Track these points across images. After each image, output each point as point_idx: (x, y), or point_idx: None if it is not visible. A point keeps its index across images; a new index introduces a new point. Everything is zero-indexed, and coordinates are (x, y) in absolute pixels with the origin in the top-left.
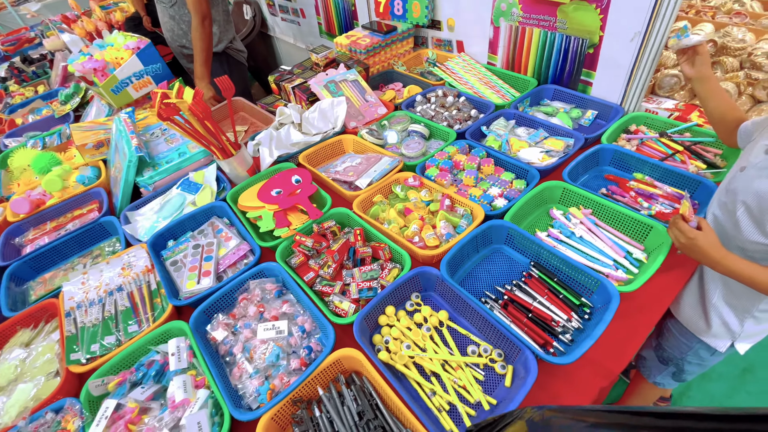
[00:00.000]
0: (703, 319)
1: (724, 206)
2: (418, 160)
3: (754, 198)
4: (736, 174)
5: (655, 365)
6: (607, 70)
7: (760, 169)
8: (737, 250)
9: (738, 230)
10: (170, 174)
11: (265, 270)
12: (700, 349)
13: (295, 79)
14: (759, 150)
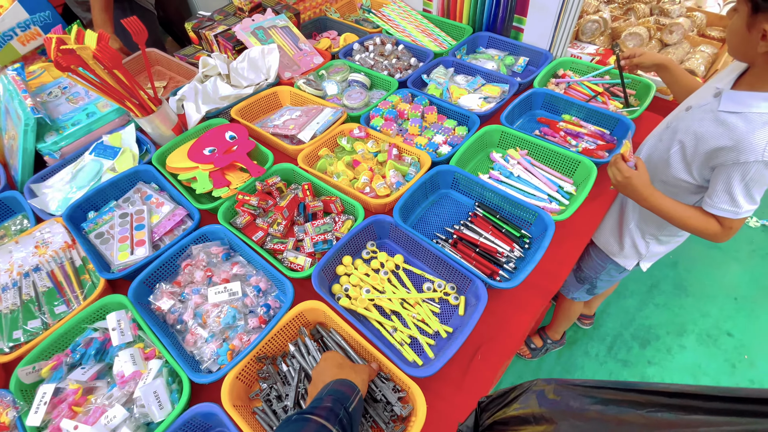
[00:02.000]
0: (618, 243)
1: (661, 141)
2: (361, 110)
3: (692, 138)
4: (681, 113)
5: (573, 284)
6: (536, 16)
7: (705, 111)
8: (660, 183)
9: (667, 166)
10: (79, 138)
11: (208, 233)
12: (612, 268)
13: (216, 26)
14: (707, 92)
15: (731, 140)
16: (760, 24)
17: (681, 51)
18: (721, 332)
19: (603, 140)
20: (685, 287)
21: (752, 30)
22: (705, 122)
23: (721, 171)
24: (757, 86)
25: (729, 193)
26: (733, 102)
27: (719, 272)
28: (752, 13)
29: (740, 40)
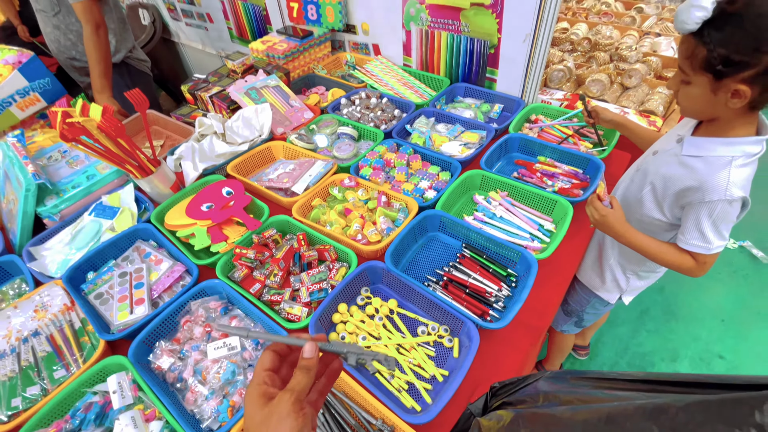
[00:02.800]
0: (599, 278)
1: (633, 182)
2: (350, 161)
3: (661, 180)
4: (649, 157)
5: (561, 317)
6: (507, 67)
7: (670, 155)
8: (635, 222)
9: (640, 205)
10: (79, 200)
11: (207, 288)
12: (596, 302)
13: (211, 87)
14: (672, 138)
15: (696, 181)
16: (728, 86)
17: (641, 93)
18: (713, 355)
19: (577, 179)
20: (673, 312)
21: (719, 93)
22: (671, 165)
23: (690, 210)
24: (715, 133)
25: (699, 230)
26: (694, 147)
27: (705, 295)
28: (715, 80)
29: (704, 104)
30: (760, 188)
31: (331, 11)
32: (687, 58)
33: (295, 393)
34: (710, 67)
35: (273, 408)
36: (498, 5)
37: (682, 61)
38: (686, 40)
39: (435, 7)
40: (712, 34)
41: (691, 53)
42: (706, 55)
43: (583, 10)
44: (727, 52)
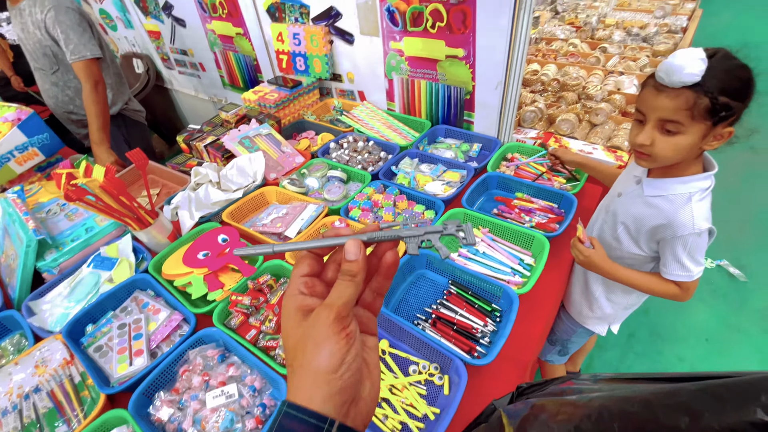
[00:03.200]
0: (588, 309)
1: (606, 224)
2: (340, 203)
3: (632, 220)
4: (615, 198)
5: (546, 347)
6: (482, 111)
7: (633, 196)
8: (617, 259)
9: (619, 243)
10: (78, 252)
11: (204, 337)
12: (582, 331)
13: (206, 137)
14: (630, 179)
15: (664, 219)
16: (717, 131)
17: (607, 130)
18: None
19: (553, 213)
20: (659, 333)
21: (707, 138)
22: (637, 206)
23: (665, 245)
24: (670, 174)
25: (678, 261)
26: (654, 188)
27: (688, 315)
28: (712, 127)
29: (688, 151)
30: (733, 209)
31: (318, 62)
32: (687, 109)
33: (335, 309)
34: (713, 114)
35: (308, 329)
36: (471, 57)
37: (674, 113)
38: (682, 93)
39: (413, 58)
40: (712, 84)
41: (693, 104)
42: (709, 104)
43: (552, 52)
44: (729, 99)
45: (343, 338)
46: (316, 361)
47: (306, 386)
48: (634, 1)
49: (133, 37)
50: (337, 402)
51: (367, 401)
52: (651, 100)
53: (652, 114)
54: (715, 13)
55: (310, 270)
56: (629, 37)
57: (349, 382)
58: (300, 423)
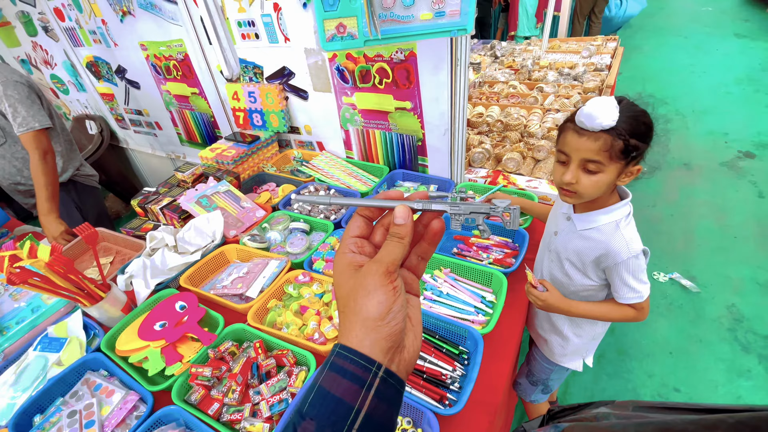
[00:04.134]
0: (560, 347)
1: (553, 263)
2: (303, 256)
3: (574, 255)
4: (552, 237)
5: (528, 387)
6: (434, 155)
7: (568, 233)
8: (572, 294)
9: (570, 279)
10: (24, 335)
11: (163, 417)
12: (560, 370)
13: (162, 199)
14: (561, 218)
15: (603, 249)
16: (629, 168)
17: (550, 164)
18: (669, 389)
19: (508, 248)
20: (626, 351)
21: (621, 175)
22: (574, 241)
23: (610, 272)
24: (593, 207)
25: (627, 285)
26: (584, 222)
27: (650, 330)
28: (625, 166)
29: (607, 187)
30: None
31: (275, 117)
32: (605, 151)
33: (384, 264)
34: (626, 154)
35: (360, 279)
36: (418, 108)
37: (596, 154)
38: (601, 136)
39: (366, 111)
40: (624, 128)
41: (610, 146)
42: (623, 146)
43: (495, 94)
44: (638, 141)
45: (391, 290)
46: (366, 308)
47: (356, 330)
48: (563, 43)
49: (85, 99)
50: (383, 346)
51: (410, 350)
52: (574, 142)
53: (576, 155)
54: (636, 47)
55: (360, 232)
56: (561, 77)
57: (395, 330)
58: (351, 363)
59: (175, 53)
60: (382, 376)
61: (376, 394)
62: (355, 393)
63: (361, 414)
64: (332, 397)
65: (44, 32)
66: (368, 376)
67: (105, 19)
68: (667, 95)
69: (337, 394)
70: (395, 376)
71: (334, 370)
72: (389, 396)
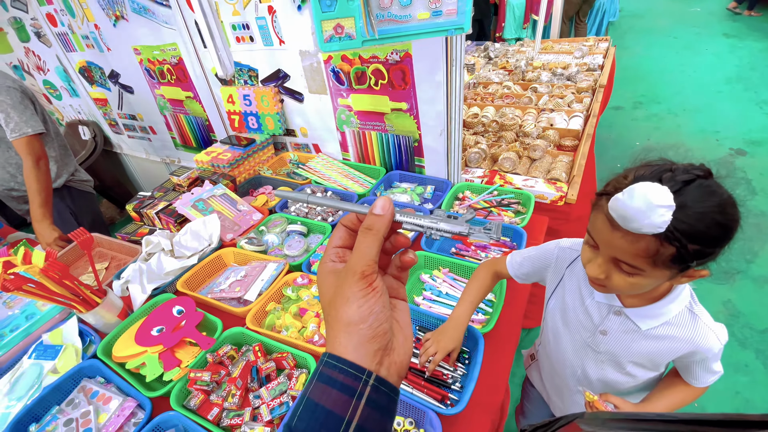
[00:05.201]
0: None
1: (605, 365)
2: (301, 258)
3: (644, 357)
4: (598, 337)
5: None
6: (431, 155)
7: (627, 333)
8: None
9: (634, 378)
10: (18, 343)
11: (162, 423)
12: None
13: (157, 203)
14: (603, 309)
15: (688, 347)
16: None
17: (545, 163)
18: None
19: (506, 247)
20: None
21: (673, 278)
22: (641, 342)
23: (694, 364)
24: (649, 298)
25: (711, 371)
26: (650, 318)
27: None
28: (680, 272)
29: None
30: None
31: (270, 120)
32: (647, 257)
33: (359, 268)
34: (681, 262)
35: (338, 288)
36: (414, 109)
37: (632, 258)
38: (642, 238)
39: (362, 112)
40: (681, 231)
41: (655, 252)
42: (676, 253)
43: (489, 95)
44: (702, 246)
45: (370, 292)
46: (347, 314)
47: (341, 338)
48: (556, 44)
49: (78, 105)
50: (369, 349)
51: (399, 352)
52: (604, 232)
53: (606, 249)
54: (627, 47)
55: (342, 242)
56: (555, 77)
57: (379, 331)
58: (340, 372)
59: (169, 57)
60: (373, 384)
61: (368, 403)
62: (345, 403)
63: (352, 425)
64: (322, 409)
65: (37, 38)
66: (358, 385)
67: (98, 23)
68: (658, 95)
69: (327, 405)
70: (386, 383)
71: (322, 381)
72: (382, 404)
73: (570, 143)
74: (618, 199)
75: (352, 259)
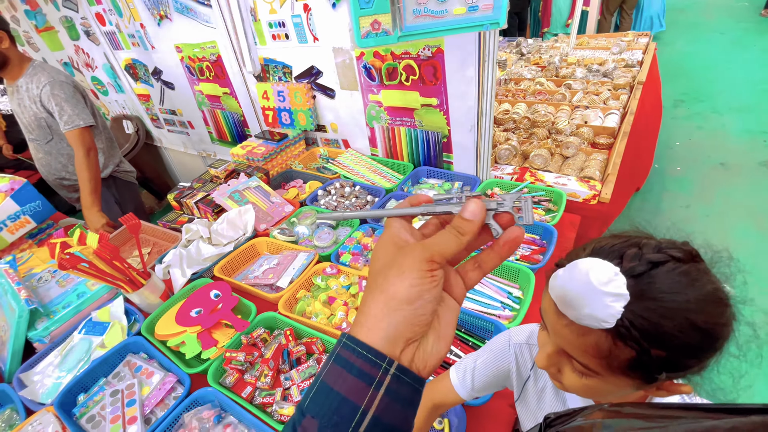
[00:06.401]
0: None
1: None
2: (330, 249)
3: None
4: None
5: None
6: (460, 152)
7: None
8: None
9: None
10: (69, 319)
11: (199, 398)
12: None
13: (196, 193)
14: None
15: None
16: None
17: (579, 161)
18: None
19: (536, 245)
20: None
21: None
22: None
23: None
24: None
25: None
26: None
27: None
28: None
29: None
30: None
31: (302, 116)
32: (600, 358)
33: (430, 250)
34: (642, 370)
35: (398, 257)
36: (444, 105)
37: (581, 355)
38: (590, 332)
39: (392, 108)
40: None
41: (607, 353)
42: (636, 357)
43: (521, 91)
44: (669, 353)
45: (429, 277)
46: (395, 287)
47: (375, 309)
48: (592, 39)
49: (123, 100)
50: (402, 333)
51: (429, 350)
52: (552, 319)
53: (554, 338)
54: (668, 43)
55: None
56: (590, 73)
57: (419, 320)
58: (358, 356)
59: (208, 54)
60: (394, 373)
61: (387, 393)
62: (362, 391)
63: (368, 415)
64: (335, 395)
65: (86, 36)
66: (377, 373)
67: (143, 23)
68: (701, 92)
69: (342, 391)
70: (410, 372)
71: (339, 364)
72: (404, 395)
73: (605, 141)
74: (557, 276)
75: (429, 240)
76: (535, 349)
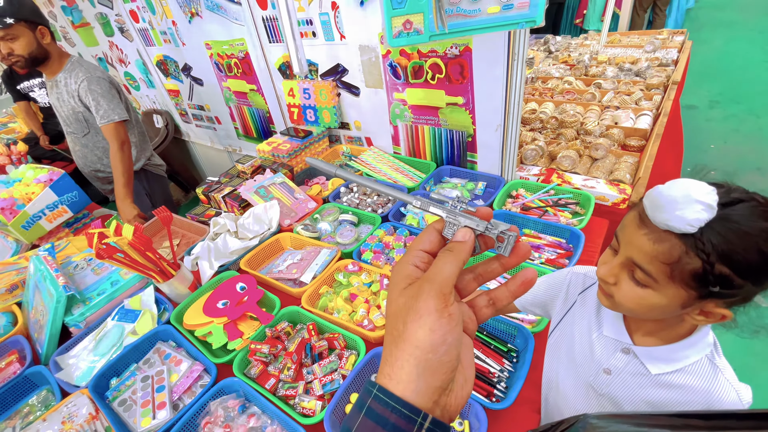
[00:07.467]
0: None
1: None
2: (352, 246)
3: (647, 406)
4: (602, 377)
5: None
6: (485, 151)
7: (634, 376)
8: None
9: None
10: (103, 306)
11: (225, 387)
12: None
13: (223, 188)
14: (609, 344)
15: (702, 402)
16: (706, 306)
17: (608, 163)
18: None
19: (561, 249)
20: None
21: (688, 308)
22: (649, 389)
23: None
24: (664, 336)
25: None
26: (660, 361)
27: None
28: (697, 299)
29: (659, 312)
30: None
31: (327, 113)
32: (665, 263)
33: (437, 283)
34: (700, 283)
35: (410, 300)
36: (470, 104)
37: (648, 261)
38: (668, 239)
39: (416, 107)
40: (712, 243)
41: (676, 259)
42: (700, 270)
43: (549, 90)
44: (732, 271)
45: (446, 316)
46: (417, 336)
47: (403, 362)
48: (624, 37)
49: (153, 95)
50: (431, 385)
51: (457, 395)
52: (629, 229)
53: (625, 249)
54: (705, 41)
55: (430, 247)
56: (622, 72)
57: (446, 367)
58: (393, 412)
59: (237, 51)
60: (428, 427)
61: None
62: None
63: None
64: None
65: (120, 32)
66: (412, 428)
67: (175, 20)
68: (738, 93)
69: None
70: (443, 425)
71: (372, 419)
72: None
73: (636, 143)
74: (657, 187)
75: (430, 272)
76: (590, 280)
